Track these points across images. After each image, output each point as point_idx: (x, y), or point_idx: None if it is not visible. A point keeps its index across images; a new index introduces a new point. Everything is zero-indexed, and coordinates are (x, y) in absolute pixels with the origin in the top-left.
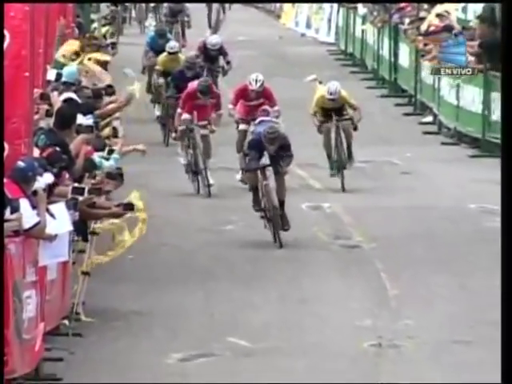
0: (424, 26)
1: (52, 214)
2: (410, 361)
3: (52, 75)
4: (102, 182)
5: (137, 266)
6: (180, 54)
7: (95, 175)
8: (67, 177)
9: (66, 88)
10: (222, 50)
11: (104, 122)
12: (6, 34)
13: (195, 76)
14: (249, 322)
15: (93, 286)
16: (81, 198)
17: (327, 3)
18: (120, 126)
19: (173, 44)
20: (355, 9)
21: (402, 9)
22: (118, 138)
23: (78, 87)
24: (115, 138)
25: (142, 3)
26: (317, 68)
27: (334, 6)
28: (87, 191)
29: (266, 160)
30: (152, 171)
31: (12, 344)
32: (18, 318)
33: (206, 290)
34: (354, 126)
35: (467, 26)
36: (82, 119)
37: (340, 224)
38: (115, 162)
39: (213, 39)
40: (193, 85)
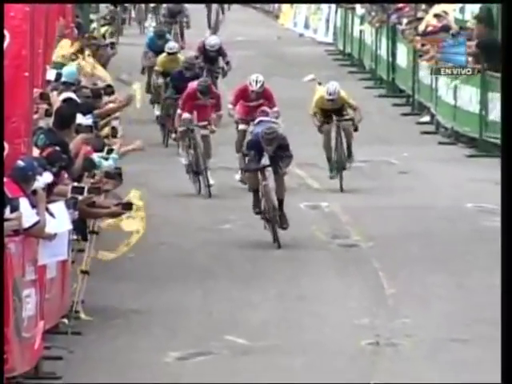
0: (422, 26)
1: (51, 213)
2: (407, 359)
3: (52, 75)
4: (100, 181)
5: (136, 264)
6: (179, 55)
7: (94, 174)
8: (66, 176)
9: (65, 88)
10: (221, 50)
11: (103, 122)
12: (6, 34)
13: (194, 76)
14: (247, 320)
15: (92, 285)
16: (80, 197)
17: (325, 3)
18: (119, 126)
19: (172, 45)
20: (353, 9)
21: (399, 9)
22: (117, 137)
23: (78, 87)
24: (114, 138)
25: (141, 3)
26: (315, 68)
27: (332, 7)
28: (87, 190)
29: (266, 161)
30: (151, 170)
31: (12, 342)
32: (18, 316)
33: (204, 288)
34: (355, 126)
35: (464, 27)
36: (81, 119)
37: (338, 223)
38: (114, 162)
39: (211, 40)
40: (192, 85)
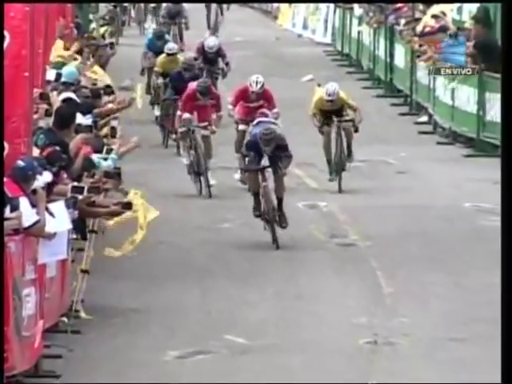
0: (419, 26)
1: (51, 213)
2: (405, 358)
3: (52, 75)
4: (100, 180)
5: (135, 263)
6: (179, 56)
7: (94, 174)
8: (66, 176)
9: (65, 88)
10: (220, 52)
11: (102, 122)
12: (6, 34)
13: (193, 77)
14: (246, 319)
15: (92, 284)
16: (80, 196)
17: (324, 3)
18: (118, 126)
19: (171, 45)
20: (351, 10)
21: (397, 10)
22: (116, 138)
23: (77, 87)
24: (113, 138)
25: (140, 3)
26: (313, 68)
27: (331, 7)
28: (86, 190)
29: (266, 161)
30: (151, 170)
31: (12, 341)
32: (18, 315)
33: (203, 287)
34: (355, 127)
35: (462, 27)
36: (81, 119)
37: (336, 223)
38: (113, 162)
39: (210, 42)
40: (192, 86)
